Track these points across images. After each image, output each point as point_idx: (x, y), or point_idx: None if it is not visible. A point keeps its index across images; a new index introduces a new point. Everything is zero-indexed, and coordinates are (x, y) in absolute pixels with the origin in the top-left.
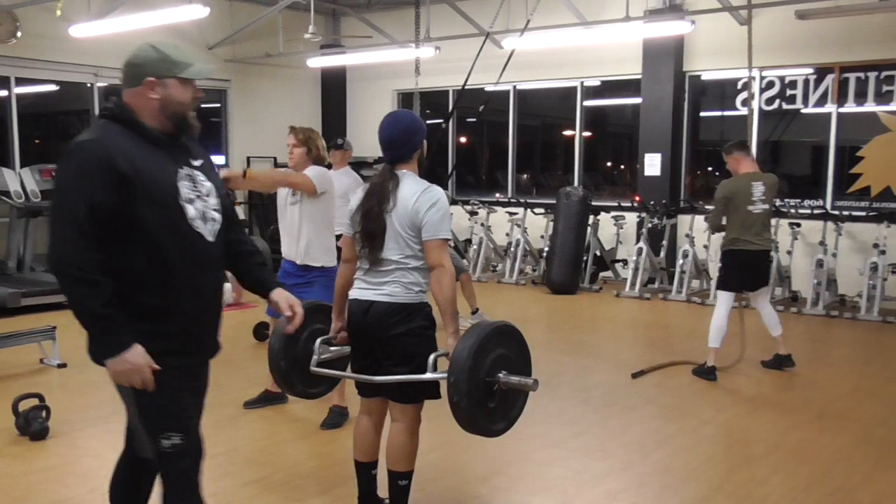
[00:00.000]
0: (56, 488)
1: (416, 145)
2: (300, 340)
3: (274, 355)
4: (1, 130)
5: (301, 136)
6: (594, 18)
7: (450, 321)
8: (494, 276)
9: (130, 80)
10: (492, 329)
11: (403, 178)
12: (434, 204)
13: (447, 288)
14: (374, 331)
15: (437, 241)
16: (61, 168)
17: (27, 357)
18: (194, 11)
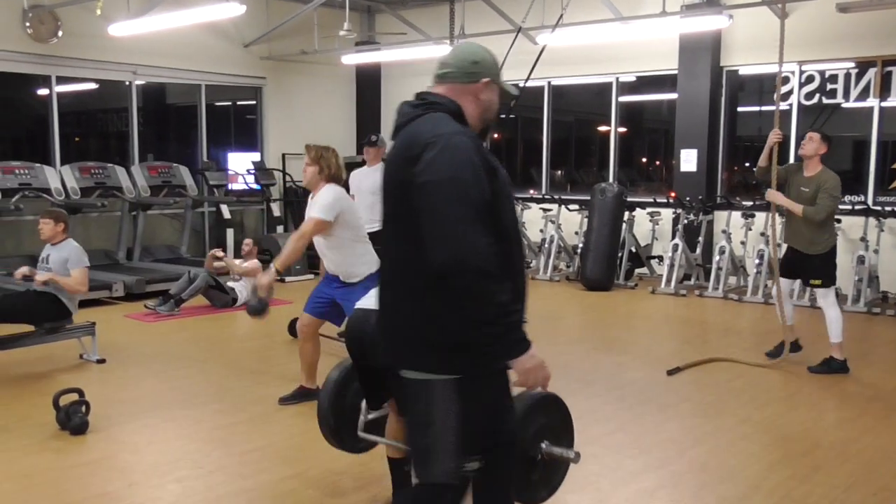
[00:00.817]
0: (96, 482)
1: None
2: (348, 396)
3: (323, 413)
4: (42, 129)
5: (314, 154)
6: (630, 14)
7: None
8: (528, 272)
9: (465, 77)
10: (534, 400)
11: None
12: None
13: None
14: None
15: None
16: (443, 161)
17: (67, 352)
18: (231, 9)
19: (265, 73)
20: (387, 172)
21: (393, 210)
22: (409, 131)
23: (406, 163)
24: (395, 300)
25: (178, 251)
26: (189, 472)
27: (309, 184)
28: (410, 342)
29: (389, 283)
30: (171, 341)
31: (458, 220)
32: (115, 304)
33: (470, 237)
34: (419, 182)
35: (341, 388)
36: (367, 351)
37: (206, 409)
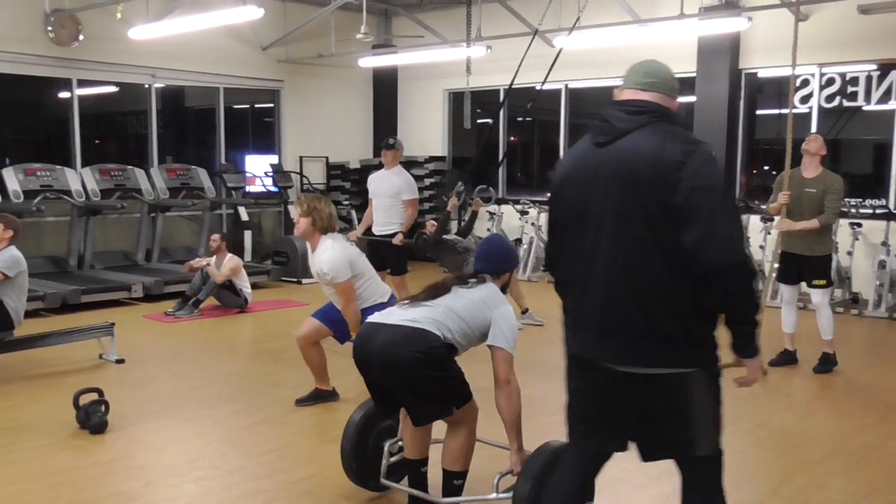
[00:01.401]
0: (114, 481)
1: (507, 269)
2: (370, 438)
3: (346, 457)
4: (63, 131)
5: (305, 206)
6: (648, 16)
7: (514, 438)
8: (545, 275)
9: (669, 91)
10: (556, 451)
11: (488, 283)
12: (508, 318)
13: (515, 406)
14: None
15: (506, 353)
16: (710, 169)
17: (87, 352)
18: (249, 13)
19: (283, 76)
20: (625, 171)
21: (627, 210)
22: (649, 136)
23: (659, 166)
24: (628, 300)
25: (196, 253)
26: (206, 472)
27: (304, 234)
28: (659, 340)
29: (616, 283)
30: (188, 342)
31: (735, 223)
32: (134, 304)
33: (738, 240)
34: (692, 186)
35: (363, 431)
36: (371, 365)
37: (223, 410)
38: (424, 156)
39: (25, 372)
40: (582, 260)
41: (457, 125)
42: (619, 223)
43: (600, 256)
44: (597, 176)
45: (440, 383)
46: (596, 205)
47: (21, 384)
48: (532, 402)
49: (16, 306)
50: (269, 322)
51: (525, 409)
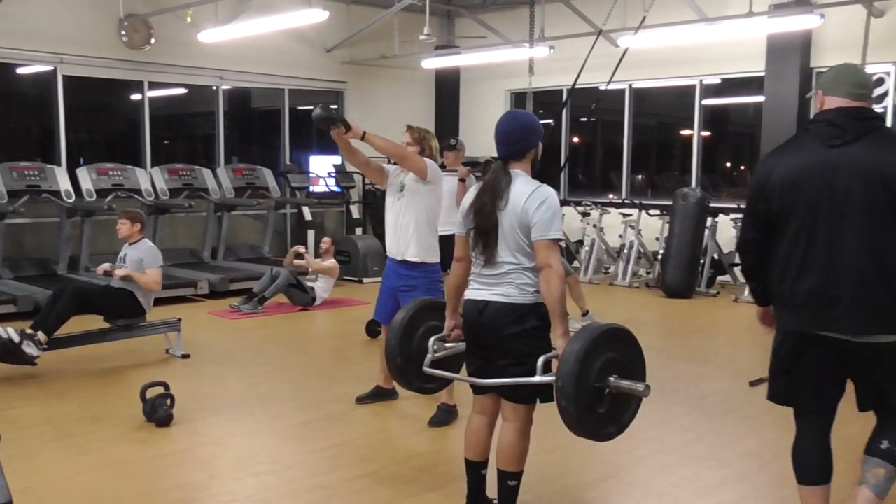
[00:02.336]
0: (179, 473)
1: (532, 145)
2: (415, 337)
3: (390, 351)
4: (134, 132)
5: (416, 134)
6: (715, 14)
7: (558, 322)
8: (607, 278)
9: (872, 100)
10: (601, 331)
11: (516, 177)
12: (544, 202)
13: (555, 288)
14: (488, 331)
15: (546, 240)
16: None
17: (154, 347)
18: (314, 15)
19: (346, 77)
20: (867, 169)
21: (873, 202)
22: (882, 140)
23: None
24: (876, 279)
25: (261, 251)
26: (267, 466)
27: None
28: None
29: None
30: (252, 338)
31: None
32: (200, 301)
33: None
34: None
35: (408, 330)
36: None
37: (284, 406)
38: (486, 157)
39: (96, 365)
40: (817, 246)
41: None
42: (864, 213)
43: (846, 242)
44: (835, 173)
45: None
46: (835, 198)
47: (92, 377)
48: None
49: (146, 294)
50: (331, 320)
51: None
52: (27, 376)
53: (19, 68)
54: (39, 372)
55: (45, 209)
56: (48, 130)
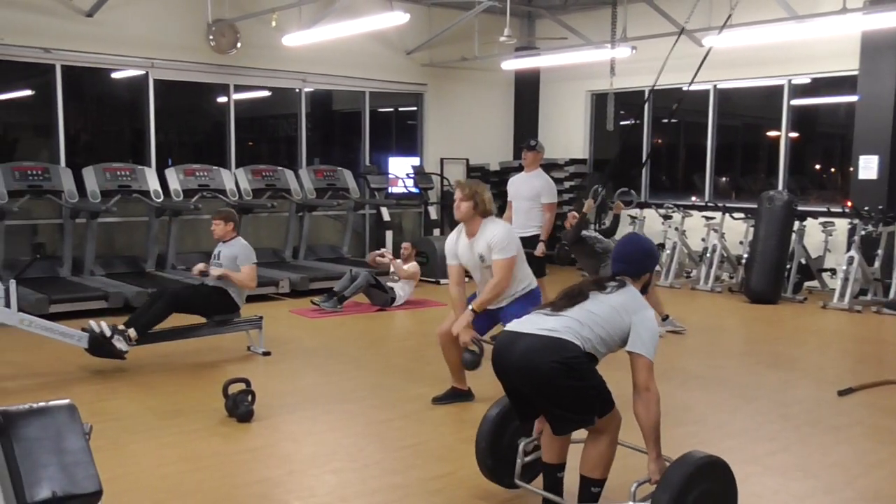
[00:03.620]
0: (258, 468)
1: (647, 269)
2: (505, 435)
3: (480, 452)
4: (219, 134)
5: (467, 190)
6: (806, 12)
7: (652, 446)
8: (688, 282)
9: None
10: (698, 465)
11: (629, 285)
12: (649, 323)
13: (654, 414)
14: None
15: (646, 360)
16: None
17: (236, 344)
18: (395, 18)
19: (426, 79)
20: None
21: None
22: None
23: None
24: None
25: (340, 251)
26: (344, 464)
27: (463, 218)
28: None
29: None
30: (331, 337)
31: None
32: (281, 299)
33: None
34: None
35: (499, 428)
36: (510, 373)
37: (361, 405)
38: (565, 158)
39: (181, 360)
40: None
41: (599, 127)
42: None
43: None
44: None
45: (580, 393)
46: None
47: (177, 372)
48: (671, 411)
49: (239, 291)
50: (408, 321)
51: (664, 418)
52: (117, 370)
53: (114, 73)
54: (128, 366)
55: (135, 208)
56: (139, 132)
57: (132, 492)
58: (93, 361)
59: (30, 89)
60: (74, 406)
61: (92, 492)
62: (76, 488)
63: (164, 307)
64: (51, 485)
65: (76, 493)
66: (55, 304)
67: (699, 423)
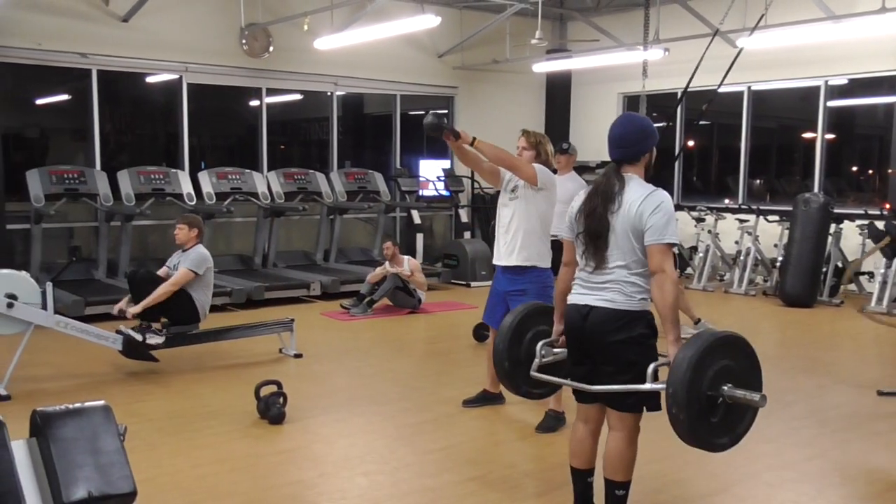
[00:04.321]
0: (291, 470)
1: (646, 148)
2: (524, 342)
3: (498, 355)
4: (252, 137)
5: (532, 139)
6: (844, 11)
7: (671, 328)
8: (721, 285)
9: None
10: (715, 339)
11: (629, 180)
12: (659, 207)
13: (669, 294)
14: (592, 337)
15: (660, 245)
16: None
17: (268, 346)
18: (427, 21)
19: (457, 82)
20: None
21: None
22: None
23: None
24: None
25: (371, 254)
26: (376, 466)
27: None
28: None
29: None
30: (361, 340)
31: None
32: (313, 302)
33: None
34: None
35: (517, 334)
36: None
37: (392, 407)
38: (597, 161)
39: (213, 362)
40: None
41: None
42: None
43: None
44: None
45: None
46: None
47: (209, 374)
48: None
49: (203, 301)
50: (439, 324)
51: None
52: (151, 372)
53: (148, 77)
54: (161, 368)
55: (168, 211)
56: (173, 136)
57: (166, 493)
58: (127, 363)
59: (66, 94)
60: (109, 407)
61: (127, 492)
62: (111, 489)
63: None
64: (86, 485)
65: (111, 493)
66: (91, 307)
67: None
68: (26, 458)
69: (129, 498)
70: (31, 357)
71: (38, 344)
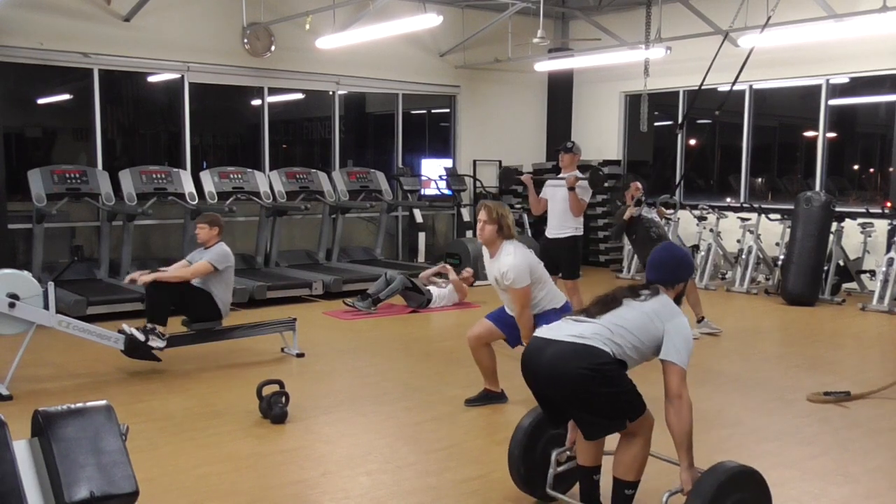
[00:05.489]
0: (293, 470)
1: (681, 279)
2: (538, 445)
3: (513, 462)
4: (254, 136)
5: (494, 214)
6: (845, 10)
7: (684, 455)
8: (723, 283)
9: None
10: (730, 474)
11: (662, 294)
12: (682, 331)
13: (686, 422)
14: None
15: (678, 368)
16: None
17: (270, 346)
18: (429, 20)
19: (459, 81)
20: None
21: None
22: None
23: None
24: None
25: (373, 253)
26: (378, 465)
27: (487, 241)
28: None
29: None
30: (364, 339)
31: None
32: (315, 301)
33: None
34: None
35: (532, 436)
36: (539, 380)
37: (395, 407)
38: (599, 159)
39: (216, 361)
40: None
41: (633, 128)
42: None
43: None
44: None
45: (610, 398)
46: None
47: (212, 373)
48: (706, 415)
49: (224, 298)
50: (441, 322)
51: (697, 422)
52: (153, 371)
53: (150, 77)
54: (164, 368)
55: (170, 211)
56: (175, 135)
57: (168, 492)
58: (129, 363)
59: (68, 93)
60: (111, 407)
61: (129, 492)
62: (113, 488)
63: (165, 291)
64: (89, 485)
65: (113, 493)
66: (92, 306)
67: (735, 426)
68: (28, 458)
69: (132, 498)
70: (33, 357)
71: (39, 344)
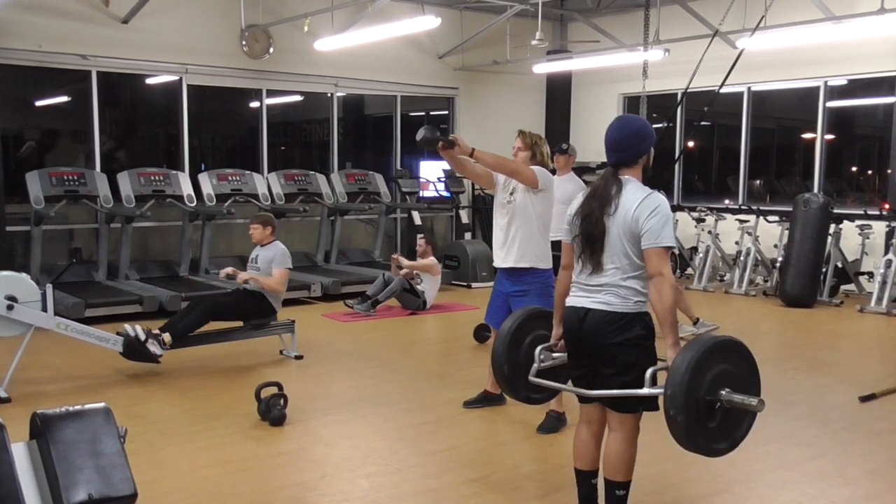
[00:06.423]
0: (292, 472)
1: (644, 151)
2: (523, 346)
3: (497, 360)
4: (252, 138)
5: (528, 140)
6: (843, 12)
7: (669, 332)
8: (721, 285)
9: None
10: (714, 343)
11: (626, 183)
12: (655, 210)
13: (667, 297)
14: (590, 339)
15: (657, 248)
16: None
17: (269, 348)
18: (427, 22)
19: (458, 83)
20: None
21: None
22: None
23: None
24: None
25: (371, 255)
26: (377, 468)
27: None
28: None
29: None
30: (363, 341)
31: None
32: (313, 303)
33: None
34: None
35: (516, 338)
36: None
37: (394, 409)
38: (597, 161)
39: (214, 364)
40: None
41: None
42: None
43: None
44: None
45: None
46: None
47: (211, 375)
48: None
49: (274, 297)
50: (440, 325)
51: None
52: (152, 374)
53: (148, 79)
54: (163, 370)
55: (169, 213)
56: (173, 137)
57: (167, 495)
58: (128, 365)
59: (66, 95)
60: (110, 409)
61: (127, 494)
62: (112, 491)
63: (201, 314)
64: (87, 487)
65: (112, 495)
66: (91, 308)
67: None
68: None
69: (130, 500)
70: (32, 359)
71: (38, 346)
